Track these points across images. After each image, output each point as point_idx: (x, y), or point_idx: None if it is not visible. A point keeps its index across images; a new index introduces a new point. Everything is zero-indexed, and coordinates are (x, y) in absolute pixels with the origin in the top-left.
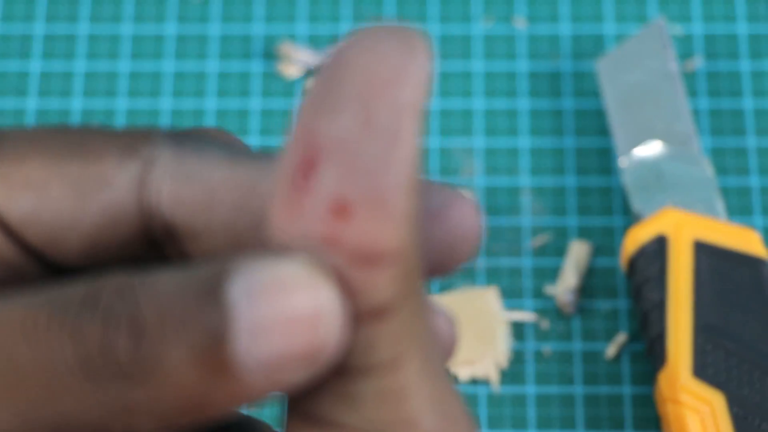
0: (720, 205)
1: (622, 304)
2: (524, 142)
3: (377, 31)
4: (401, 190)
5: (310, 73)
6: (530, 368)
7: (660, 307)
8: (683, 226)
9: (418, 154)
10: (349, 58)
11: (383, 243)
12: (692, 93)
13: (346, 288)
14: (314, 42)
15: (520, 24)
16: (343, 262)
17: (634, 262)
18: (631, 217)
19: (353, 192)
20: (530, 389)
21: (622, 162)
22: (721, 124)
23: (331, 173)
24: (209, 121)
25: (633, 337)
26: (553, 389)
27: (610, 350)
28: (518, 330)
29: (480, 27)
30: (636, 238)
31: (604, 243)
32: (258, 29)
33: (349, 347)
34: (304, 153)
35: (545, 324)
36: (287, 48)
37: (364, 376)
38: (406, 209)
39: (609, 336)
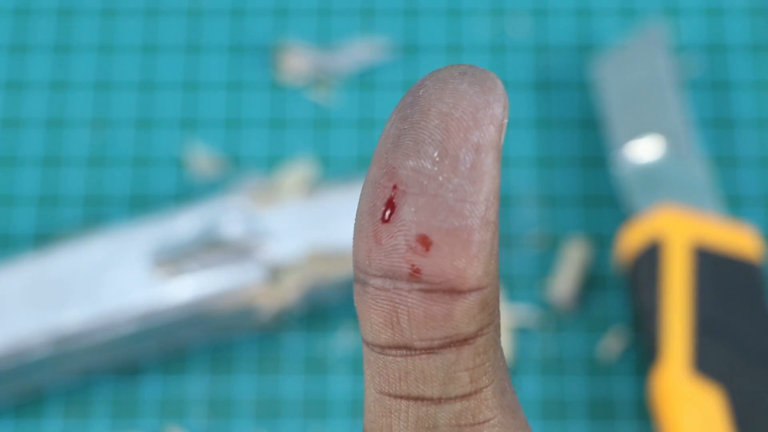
0: (715, 202)
1: (620, 302)
2: (522, 141)
3: (454, 72)
4: (482, 225)
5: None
6: (528, 367)
7: (657, 305)
8: (679, 224)
9: (497, 192)
10: (425, 98)
11: (465, 275)
12: (688, 92)
13: (429, 317)
14: (314, 42)
15: (517, 20)
16: (427, 294)
17: (630, 261)
18: (627, 216)
19: (434, 226)
20: (528, 388)
21: (619, 160)
22: (717, 123)
23: (411, 209)
24: (208, 122)
25: (630, 335)
26: (551, 387)
27: (608, 348)
28: (516, 329)
29: (475, 23)
30: (632, 236)
31: (601, 242)
32: (258, 29)
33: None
34: (382, 188)
35: (542, 322)
36: (287, 49)
37: (442, 403)
38: (487, 243)
39: (606, 334)
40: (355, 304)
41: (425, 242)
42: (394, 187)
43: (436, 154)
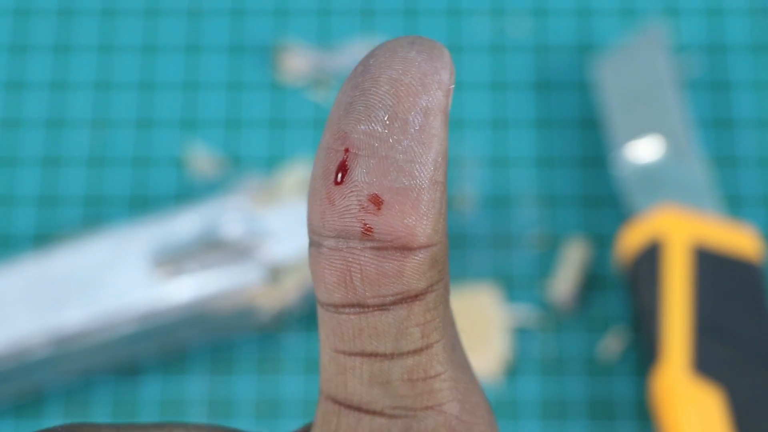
0: (715, 202)
1: (620, 302)
2: (522, 141)
3: (403, 42)
4: (431, 184)
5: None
6: (527, 367)
7: (657, 305)
8: (679, 224)
9: (446, 153)
10: (376, 66)
11: (415, 232)
12: (688, 92)
13: (381, 274)
14: (314, 41)
15: (517, 20)
16: (378, 252)
17: (630, 261)
18: (627, 216)
19: (385, 186)
20: (528, 388)
21: (619, 160)
22: (717, 123)
23: (363, 171)
24: (209, 120)
25: (630, 335)
26: (551, 387)
27: (608, 348)
28: (515, 329)
29: (475, 23)
30: (632, 236)
31: (601, 242)
32: (258, 29)
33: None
34: (334, 153)
35: (542, 323)
36: (287, 48)
37: (395, 359)
38: (435, 202)
39: (606, 334)
40: (309, 267)
41: (377, 201)
42: (346, 150)
43: (386, 118)
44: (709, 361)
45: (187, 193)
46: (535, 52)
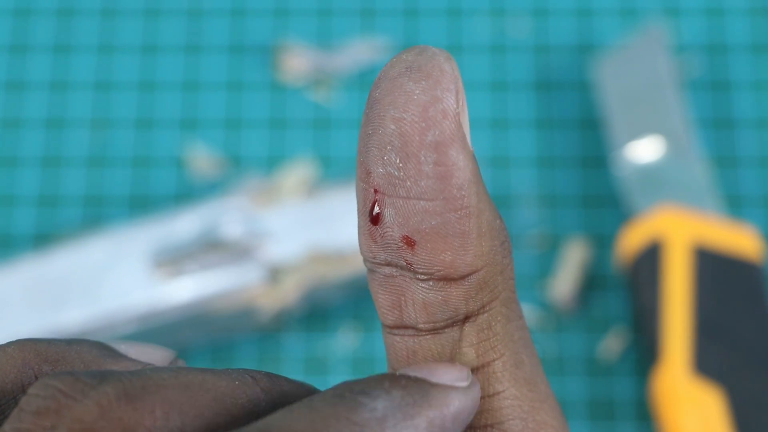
0: (715, 202)
1: (620, 302)
2: (522, 141)
3: (401, 68)
4: (459, 217)
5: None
6: None
7: (657, 305)
8: (679, 224)
9: (473, 175)
10: (380, 102)
11: (453, 265)
12: (688, 92)
13: (428, 303)
14: (315, 41)
15: (517, 20)
16: (423, 283)
17: (630, 261)
18: (627, 216)
19: (413, 227)
20: None
21: (619, 160)
22: (717, 123)
23: (391, 213)
24: (210, 119)
25: (630, 335)
26: (551, 387)
27: (608, 348)
28: None
29: (475, 23)
30: (632, 236)
31: (602, 242)
32: (258, 29)
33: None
34: (366, 192)
35: (542, 322)
36: (287, 48)
37: None
38: (469, 231)
39: (606, 334)
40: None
41: (409, 242)
42: (375, 190)
43: (398, 161)
44: (709, 362)
45: (187, 193)
46: (535, 52)
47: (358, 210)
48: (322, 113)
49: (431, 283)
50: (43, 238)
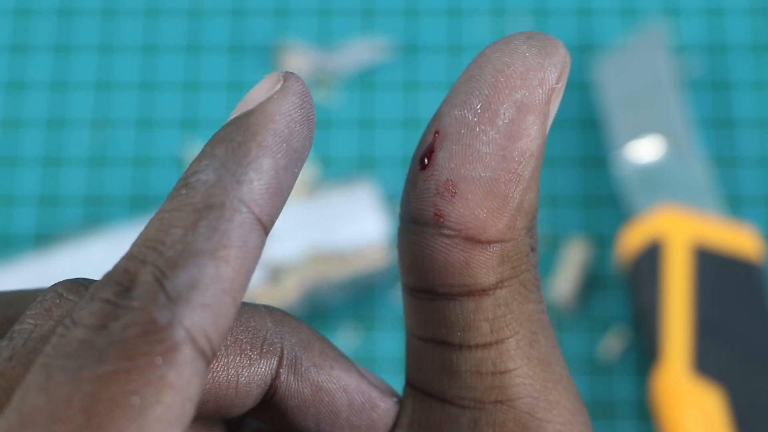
0: (715, 202)
1: (620, 302)
2: None
3: (522, 36)
4: (509, 179)
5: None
6: None
7: (657, 305)
8: (679, 224)
9: (537, 152)
10: (487, 55)
11: (485, 225)
12: (688, 92)
13: (448, 263)
14: (315, 41)
15: (517, 20)
16: (448, 240)
17: (630, 261)
18: (627, 216)
19: (462, 174)
20: None
21: (620, 160)
22: (717, 123)
23: (445, 156)
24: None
25: (630, 335)
26: None
27: (608, 348)
28: None
29: (475, 23)
30: (632, 236)
31: (602, 242)
32: (258, 29)
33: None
34: (427, 138)
35: None
36: (288, 47)
37: (463, 350)
38: (512, 198)
39: (606, 334)
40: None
41: (452, 188)
42: (436, 132)
43: (479, 107)
44: (709, 361)
45: None
46: None
47: (413, 159)
48: (323, 113)
49: (456, 240)
50: (43, 238)
